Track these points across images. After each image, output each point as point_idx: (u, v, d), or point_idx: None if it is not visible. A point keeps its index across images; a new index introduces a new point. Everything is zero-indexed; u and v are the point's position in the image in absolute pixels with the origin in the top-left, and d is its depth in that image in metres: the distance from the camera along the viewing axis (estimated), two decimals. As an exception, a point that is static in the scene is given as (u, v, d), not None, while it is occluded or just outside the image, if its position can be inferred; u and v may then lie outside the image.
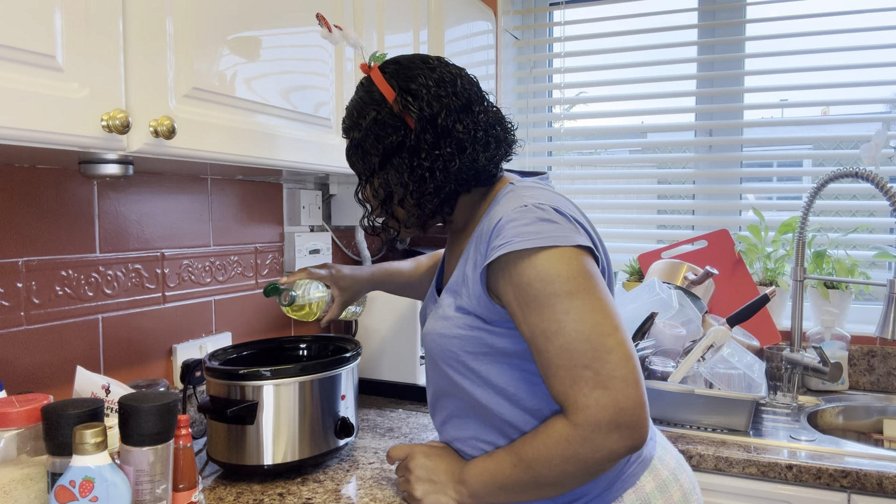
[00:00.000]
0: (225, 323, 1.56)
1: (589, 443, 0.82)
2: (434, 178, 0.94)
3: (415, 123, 0.93)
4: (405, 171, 0.94)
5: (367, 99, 0.98)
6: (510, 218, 0.88)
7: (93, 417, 0.81)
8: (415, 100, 0.94)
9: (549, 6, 2.27)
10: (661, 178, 2.28)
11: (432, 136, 0.93)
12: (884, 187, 1.54)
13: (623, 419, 0.81)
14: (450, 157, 0.93)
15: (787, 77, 2.01)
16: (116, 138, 0.84)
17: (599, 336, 0.82)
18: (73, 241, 1.20)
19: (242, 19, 1.06)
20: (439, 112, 0.93)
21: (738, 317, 1.66)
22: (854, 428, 1.71)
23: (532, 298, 0.85)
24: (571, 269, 0.84)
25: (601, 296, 0.85)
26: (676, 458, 1.04)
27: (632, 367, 0.82)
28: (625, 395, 0.81)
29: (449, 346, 0.96)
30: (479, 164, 0.96)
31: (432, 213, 0.99)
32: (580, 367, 0.82)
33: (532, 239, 0.84)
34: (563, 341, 0.83)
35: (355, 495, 1.11)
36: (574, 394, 0.82)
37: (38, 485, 0.82)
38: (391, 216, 1.02)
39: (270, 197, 1.70)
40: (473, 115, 0.96)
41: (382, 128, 0.95)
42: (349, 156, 1.02)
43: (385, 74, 0.97)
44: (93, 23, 0.81)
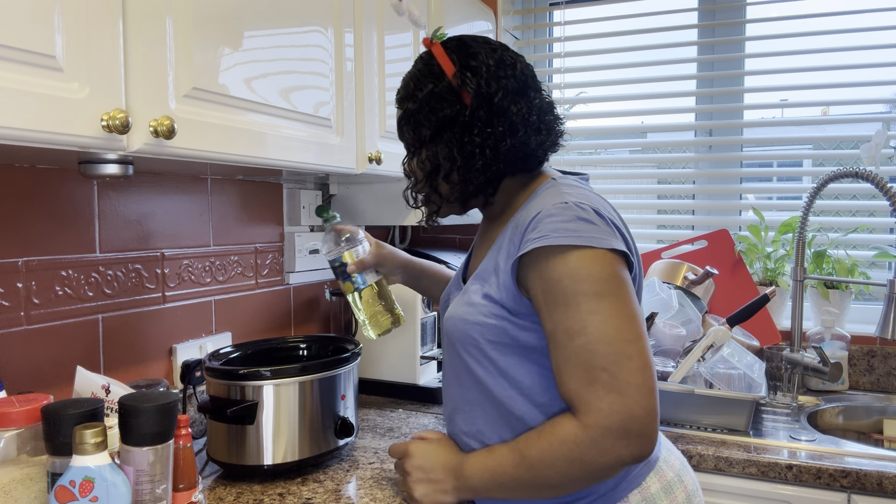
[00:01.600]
0: (225, 323, 1.56)
1: (596, 446, 0.81)
2: (483, 156, 0.94)
3: (471, 100, 0.94)
4: (455, 145, 0.95)
5: (425, 72, 0.98)
6: (549, 213, 0.88)
7: (93, 417, 0.81)
8: (473, 76, 0.94)
9: (549, 6, 2.27)
10: (661, 178, 2.28)
11: (486, 114, 0.93)
12: (884, 187, 1.54)
13: (634, 427, 0.80)
14: (501, 137, 0.94)
15: (787, 77, 2.00)
16: (116, 138, 0.84)
17: (622, 341, 0.82)
18: (73, 241, 1.20)
19: (242, 19, 1.06)
20: (496, 91, 0.94)
21: (738, 317, 1.66)
22: (854, 428, 1.71)
23: (559, 295, 0.85)
24: (603, 271, 0.84)
25: (629, 302, 0.85)
26: (680, 459, 1.04)
27: (649, 376, 0.82)
28: (638, 404, 0.80)
29: (470, 332, 0.95)
30: (529, 147, 0.96)
31: (475, 192, 0.99)
32: (598, 369, 0.82)
33: (568, 236, 0.84)
34: (584, 340, 0.83)
35: (355, 495, 1.11)
36: (588, 395, 0.82)
37: (38, 485, 0.82)
38: (435, 190, 1.01)
39: (270, 197, 1.70)
40: (528, 100, 0.96)
41: (438, 101, 0.95)
42: (400, 126, 1.02)
43: (446, 50, 0.98)
44: (93, 23, 0.81)
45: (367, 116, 1.41)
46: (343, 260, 1.28)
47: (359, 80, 1.39)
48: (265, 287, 1.68)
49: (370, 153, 1.41)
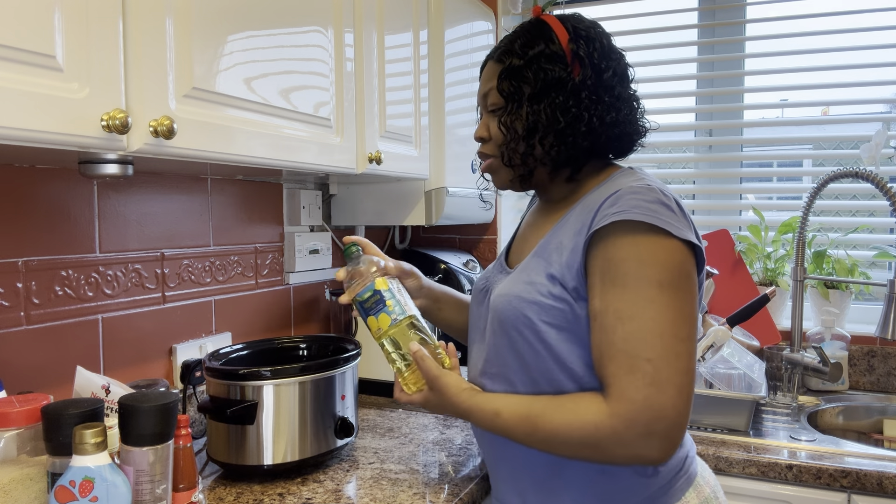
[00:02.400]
0: (225, 323, 1.56)
1: (617, 437, 0.79)
2: (590, 123, 0.92)
3: (582, 68, 0.93)
4: (559, 108, 0.93)
5: (535, 33, 0.97)
6: (633, 190, 0.85)
7: (93, 417, 0.81)
8: (588, 45, 0.94)
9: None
10: (661, 178, 2.28)
11: (594, 85, 0.93)
12: (884, 187, 1.54)
13: (660, 427, 0.78)
14: (607, 110, 0.93)
15: (787, 77, 2.00)
16: (116, 138, 0.84)
17: (674, 337, 0.79)
18: (73, 241, 1.20)
19: (242, 19, 1.06)
20: (607, 68, 0.94)
21: (738, 317, 1.66)
22: (854, 428, 1.71)
23: (620, 275, 0.82)
24: (672, 261, 0.82)
25: (690, 300, 0.82)
26: (713, 476, 1.03)
27: (690, 381, 0.80)
28: (674, 405, 0.78)
29: (525, 311, 0.90)
30: (629, 127, 0.96)
31: (567, 160, 0.95)
32: (643, 360, 0.79)
33: (650, 215, 0.82)
34: (635, 327, 0.80)
35: (355, 495, 1.11)
36: (626, 383, 0.79)
37: (38, 485, 0.82)
38: (531, 152, 0.96)
39: (270, 197, 1.70)
40: (630, 87, 0.98)
41: (549, 61, 0.94)
42: (500, 78, 0.97)
43: (562, 20, 0.97)
44: (93, 23, 0.81)
45: (367, 116, 1.41)
46: (376, 287, 1.05)
47: (359, 80, 1.39)
48: (265, 287, 1.68)
49: (370, 153, 1.41)
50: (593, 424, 0.80)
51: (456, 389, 0.98)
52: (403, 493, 1.12)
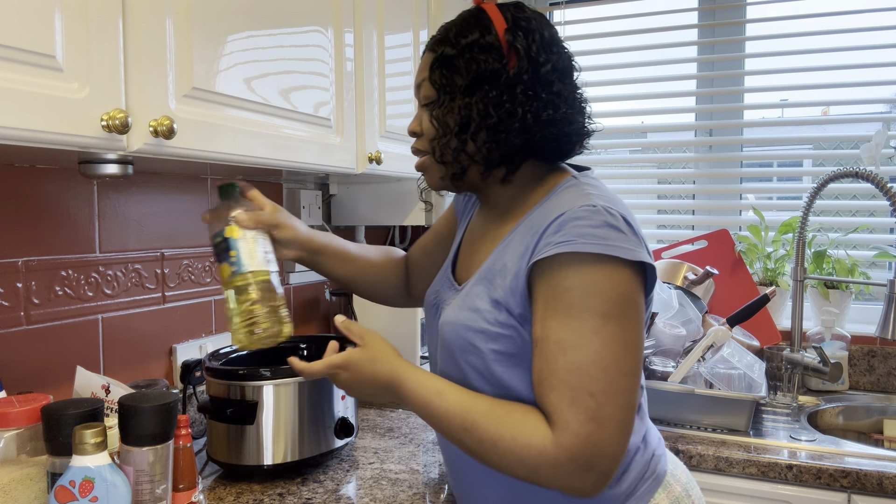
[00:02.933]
0: (225, 323, 1.55)
1: (558, 467, 0.76)
2: (523, 120, 0.87)
3: (517, 60, 0.87)
4: (492, 102, 0.87)
5: (471, 21, 0.91)
6: (577, 215, 0.81)
7: (93, 417, 0.81)
8: (526, 37, 0.88)
9: (549, 6, 2.27)
10: (661, 178, 2.29)
11: (530, 80, 0.87)
12: (884, 187, 1.54)
13: (601, 464, 0.76)
14: (543, 107, 0.87)
15: (787, 77, 2.00)
16: (116, 138, 0.84)
17: (617, 372, 0.77)
18: (73, 241, 1.20)
19: (242, 19, 1.06)
20: (545, 62, 0.88)
21: (738, 317, 1.66)
22: (854, 428, 1.71)
23: (564, 304, 0.79)
24: (618, 290, 0.79)
25: (635, 330, 0.80)
26: (685, 472, 1.01)
27: (630, 418, 0.79)
28: (613, 442, 0.76)
29: (472, 341, 0.88)
30: (568, 127, 0.90)
31: (501, 160, 0.90)
32: (585, 394, 0.76)
33: (596, 244, 0.78)
34: (578, 359, 0.77)
35: (355, 495, 1.11)
36: (569, 416, 0.77)
37: (38, 485, 0.82)
38: (462, 148, 0.91)
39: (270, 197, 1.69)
40: (571, 84, 0.92)
41: (483, 51, 0.88)
42: (434, 69, 0.92)
43: (500, 8, 0.91)
44: (93, 23, 0.81)
45: (367, 116, 1.41)
46: (225, 234, 0.99)
47: (359, 80, 1.39)
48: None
49: (370, 153, 1.41)
50: (537, 448, 0.77)
51: (391, 352, 0.92)
52: (403, 493, 1.12)
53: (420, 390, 0.87)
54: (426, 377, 0.89)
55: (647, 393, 1.50)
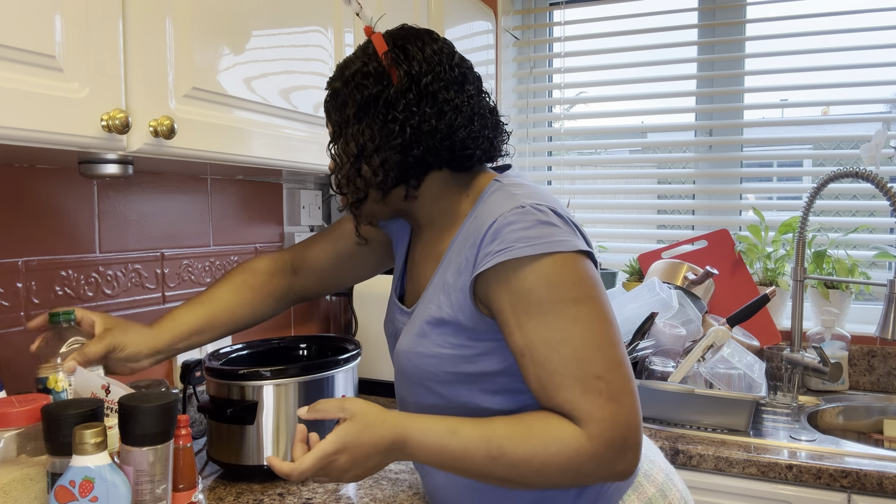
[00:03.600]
0: (225, 323, 1.55)
1: (598, 458, 0.76)
2: (403, 134, 0.86)
3: (398, 79, 0.87)
4: (377, 124, 0.87)
5: (359, 53, 0.92)
6: (507, 221, 0.81)
7: (93, 417, 0.81)
8: (405, 57, 0.88)
9: (549, 6, 2.27)
10: (661, 178, 2.28)
11: (414, 95, 0.87)
12: (884, 187, 1.54)
13: (632, 438, 0.77)
14: (425, 118, 0.87)
15: (787, 77, 2.01)
16: (116, 138, 0.84)
17: (609, 346, 0.79)
18: (73, 241, 1.20)
19: (242, 19, 1.06)
20: (426, 73, 0.88)
21: (738, 317, 1.66)
22: (854, 428, 1.71)
23: (534, 305, 0.79)
24: (577, 274, 0.80)
25: (605, 303, 0.81)
26: (665, 471, 0.98)
27: (633, 382, 0.79)
28: (633, 413, 0.77)
29: (427, 367, 0.87)
30: (456, 136, 0.88)
31: (396, 179, 0.89)
32: (592, 378, 0.77)
33: (535, 244, 0.79)
34: (571, 349, 0.78)
35: (355, 495, 1.11)
36: (588, 405, 0.77)
37: (37, 485, 0.82)
38: (358, 174, 0.91)
39: (270, 197, 1.70)
40: (464, 91, 0.90)
41: (365, 77, 0.89)
42: (327, 107, 0.95)
43: (385, 35, 0.92)
44: (93, 23, 0.81)
45: (367, 116, 1.41)
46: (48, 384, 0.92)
47: (359, 80, 1.39)
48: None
49: (370, 153, 1.41)
50: (574, 449, 0.76)
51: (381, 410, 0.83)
52: (403, 493, 1.12)
53: (430, 437, 0.81)
54: (429, 421, 0.82)
55: (648, 393, 1.50)
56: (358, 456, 0.80)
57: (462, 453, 0.80)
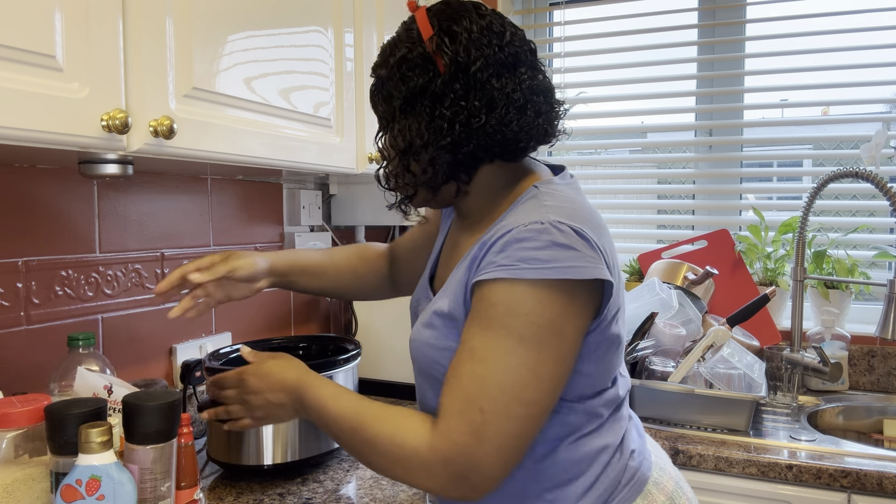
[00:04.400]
0: (225, 323, 1.56)
1: (427, 471, 0.76)
2: (452, 132, 0.82)
3: (444, 68, 0.82)
4: (424, 119, 0.84)
5: (403, 36, 0.87)
6: (521, 237, 0.77)
7: (96, 417, 0.81)
8: (451, 42, 0.83)
9: (549, 6, 2.27)
10: (661, 178, 2.29)
11: (462, 86, 0.82)
12: (884, 187, 1.54)
13: (473, 478, 0.75)
14: (475, 112, 0.82)
15: (787, 77, 2.01)
16: (116, 138, 0.84)
17: (514, 399, 0.75)
18: (73, 241, 1.20)
19: (242, 19, 1.06)
20: (475, 60, 0.82)
21: (738, 317, 1.66)
22: (854, 428, 1.71)
23: (487, 317, 0.77)
24: (545, 314, 0.75)
25: (554, 361, 0.76)
26: (675, 479, 0.95)
27: (516, 446, 0.76)
28: (491, 464, 0.75)
29: (436, 358, 0.86)
30: (509, 129, 0.83)
31: (446, 176, 0.86)
32: (476, 408, 0.75)
33: (537, 268, 0.75)
34: (481, 372, 0.75)
35: (355, 495, 1.11)
36: (452, 423, 0.75)
37: (40, 485, 0.82)
38: (406, 170, 0.88)
39: (270, 197, 1.70)
40: (516, 76, 0.84)
41: (410, 67, 0.84)
42: (372, 96, 0.91)
43: (429, 13, 0.87)
44: (93, 23, 0.81)
45: (367, 116, 1.41)
46: None
47: (359, 80, 1.39)
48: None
49: (370, 153, 1.41)
50: (412, 448, 0.77)
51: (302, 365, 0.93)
52: (403, 493, 1.12)
53: (319, 394, 0.87)
54: (329, 384, 0.89)
55: (648, 393, 1.50)
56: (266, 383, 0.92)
57: (334, 418, 0.85)
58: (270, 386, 0.92)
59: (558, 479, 0.85)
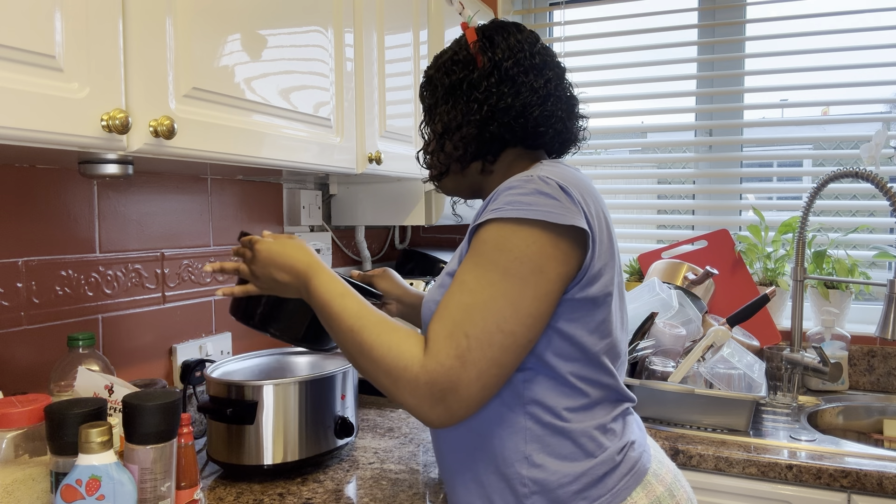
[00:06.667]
0: (225, 323, 1.56)
1: (413, 387, 0.81)
2: (480, 111, 0.96)
3: (482, 63, 0.98)
4: (461, 104, 0.98)
5: (453, 45, 1.04)
6: (510, 185, 0.87)
7: (96, 417, 0.81)
8: (491, 45, 0.99)
9: (549, 6, 2.27)
10: (661, 178, 2.29)
11: (496, 79, 0.97)
12: (884, 187, 1.54)
13: (451, 401, 0.80)
14: (502, 96, 0.96)
15: (787, 77, 2.01)
16: (116, 138, 0.84)
17: (495, 326, 0.81)
18: (73, 241, 1.20)
19: (243, 19, 1.06)
20: (508, 59, 0.97)
21: (738, 317, 1.66)
22: (854, 428, 1.71)
23: (478, 253, 0.85)
24: (527, 251, 0.83)
25: (534, 294, 0.83)
26: (673, 473, 0.99)
27: (496, 374, 0.82)
28: (469, 387, 0.80)
29: None
30: (530, 114, 0.96)
31: (474, 154, 0.99)
32: (462, 333, 0.81)
33: (521, 209, 0.83)
34: (468, 301, 0.82)
35: (355, 495, 1.11)
36: (441, 346, 0.81)
37: (40, 485, 0.82)
38: (441, 149, 1.02)
39: (270, 197, 1.70)
40: (542, 75, 0.98)
41: (455, 63, 1.00)
42: (421, 90, 1.07)
43: (477, 29, 1.03)
44: (93, 23, 0.81)
45: (367, 116, 1.41)
46: None
47: (359, 80, 1.39)
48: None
49: (370, 153, 1.41)
50: (404, 363, 0.82)
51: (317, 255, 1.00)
52: (403, 493, 1.12)
53: (326, 287, 0.94)
54: (338, 280, 0.95)
55: (648, 393, 1.50)
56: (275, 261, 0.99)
57: (337, 313, 0.91)
58: (278, 264, 0.99)
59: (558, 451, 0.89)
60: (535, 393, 0.90)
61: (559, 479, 0.89)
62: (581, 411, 0.90)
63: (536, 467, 0.89)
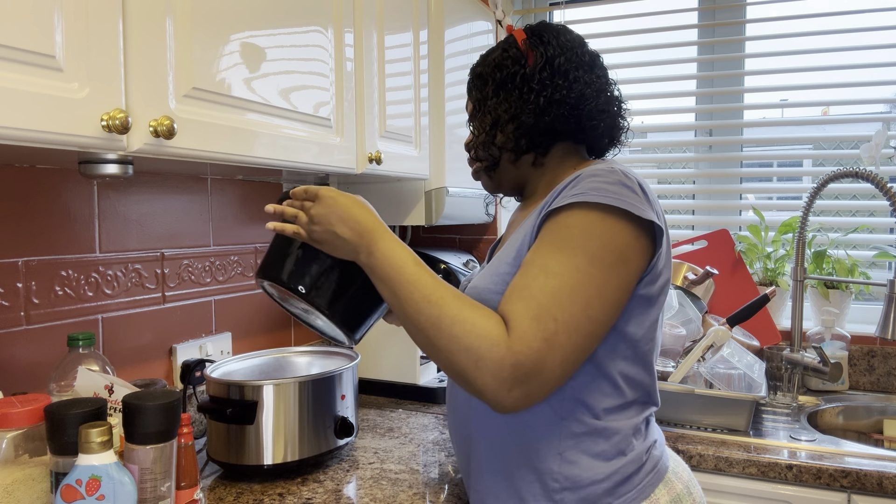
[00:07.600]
0: (225, 323, 1.56)
1: (497, 368, 0.77)
2: (537, 101, 0.96)
3: (534, 59, 0.98)
4: (514, 97, 0.98)
5: (501, 44, 1.04)
6: (592, 173, 0.87)
7: (96, 417, 0.81)
8: (541, 42, 1.00)
9: (549, 6, 2.27)
10: (661, 178, 2.28)
11: (548, 73, 0.97)
12: (884, 187, 1.54)
13: (532, 383, 0.78)
14: (557, 88, 0.96)
15: (787, 77, 2.01)
16: (116, 138, 0.84)
17: (583, 312, 0.80)
18: (73, 241, 1.20)
19: (243, 19, 1.06)
20: (559, 55, 0.98)
21: (738, 317, 1.66)
22: (854, 428, 1.71)
23: (560, 238, 0.83)
24: (616, 241, 0.82)
25: (616, 286, 0.82)
26: (688, 471, 1.02)
27: (576, 361, 0.81)
28: (554, 370, 0.78)
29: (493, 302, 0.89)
30: (584, 106, 0.97)
31: (527, 145, 0.99)
32: (550, 316, 0.79)
33: (607, 196, 0.82)
34: (556, 285, 0.80)
35: (355, 495, 1.11)
36: (528, 328, 0.78)
37: (40, 485, 0.82)
38: (492, 141, 1.02)
39: (270, 197, 1.70)
40: (593, 72, 1.00)
41: (505, 59, 1.01)
42: (469, 88, 1.07)
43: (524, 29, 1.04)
44: (93, 23, 0.81)
45: (367, 116, 1.41)
46: None
47: (359, 80, 1.39)
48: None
49: (370, 153, 1.41)
50: (492, 341, 0.78)
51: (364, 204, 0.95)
52: (403, 493, 1.12)
53: (398, 251, 0.89)
54: (408, 248, 0.91)
55: (648, 393, 1.50)
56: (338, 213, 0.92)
57: (410, 280, 0.86)
58: (343, 216, 0.92)
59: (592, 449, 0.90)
60: (577, 391, 0.90)
61: (591, 477, 0.90)
62: (616, 411, 0.92)
63: (570, 464, 0.90)
